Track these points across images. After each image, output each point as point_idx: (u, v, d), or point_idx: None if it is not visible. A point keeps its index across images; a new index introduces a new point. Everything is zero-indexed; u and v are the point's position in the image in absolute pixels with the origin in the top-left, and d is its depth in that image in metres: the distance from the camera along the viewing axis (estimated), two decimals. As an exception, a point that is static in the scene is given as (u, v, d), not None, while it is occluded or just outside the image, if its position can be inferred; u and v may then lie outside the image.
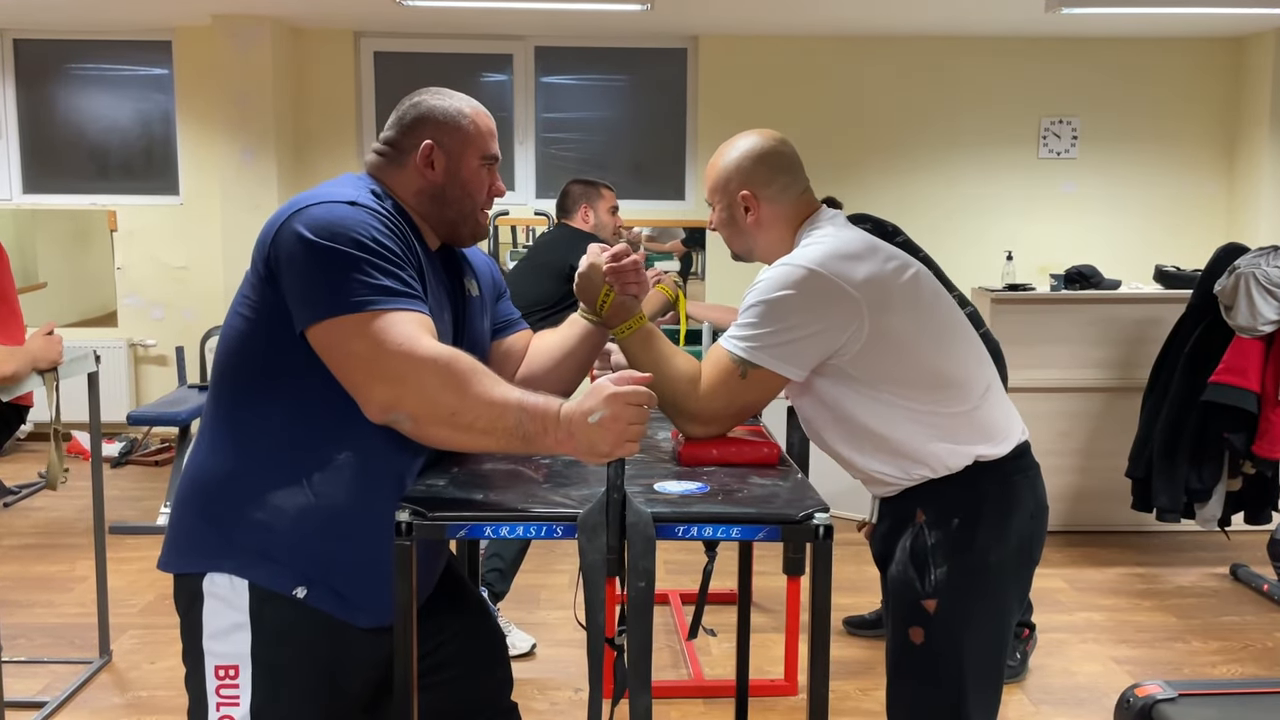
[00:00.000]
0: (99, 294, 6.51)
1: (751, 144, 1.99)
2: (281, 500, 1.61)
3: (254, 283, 1.64)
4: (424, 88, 1.84)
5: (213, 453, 1.67)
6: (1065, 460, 4.84)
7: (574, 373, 1.98)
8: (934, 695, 1.92)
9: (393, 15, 5.88)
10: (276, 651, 1.62)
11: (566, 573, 4.24)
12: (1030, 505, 1.95)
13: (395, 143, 1.78)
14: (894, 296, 1.86)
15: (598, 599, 1.52)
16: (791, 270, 1.83)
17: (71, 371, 3.22)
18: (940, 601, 1.88)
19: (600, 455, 1.52)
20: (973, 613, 1.89)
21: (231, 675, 1.61)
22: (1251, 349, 3.87)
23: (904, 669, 1.95)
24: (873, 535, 2.08)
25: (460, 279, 1.86)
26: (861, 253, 1.87)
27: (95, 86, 6.50)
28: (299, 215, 1.60)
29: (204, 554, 1.64)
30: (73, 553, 4.46)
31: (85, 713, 3.13)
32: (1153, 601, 4.08)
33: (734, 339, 1.86)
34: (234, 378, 1.67)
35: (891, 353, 1.85)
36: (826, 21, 5.98)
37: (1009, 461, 1.92)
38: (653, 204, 6.55)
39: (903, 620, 1.93)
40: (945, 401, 1.88)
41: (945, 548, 1.89)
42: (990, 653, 1.93)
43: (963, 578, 1.88)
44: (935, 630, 1.89)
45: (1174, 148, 6.47)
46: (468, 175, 1.78)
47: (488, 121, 1.83)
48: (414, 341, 1.53)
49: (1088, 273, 4.95)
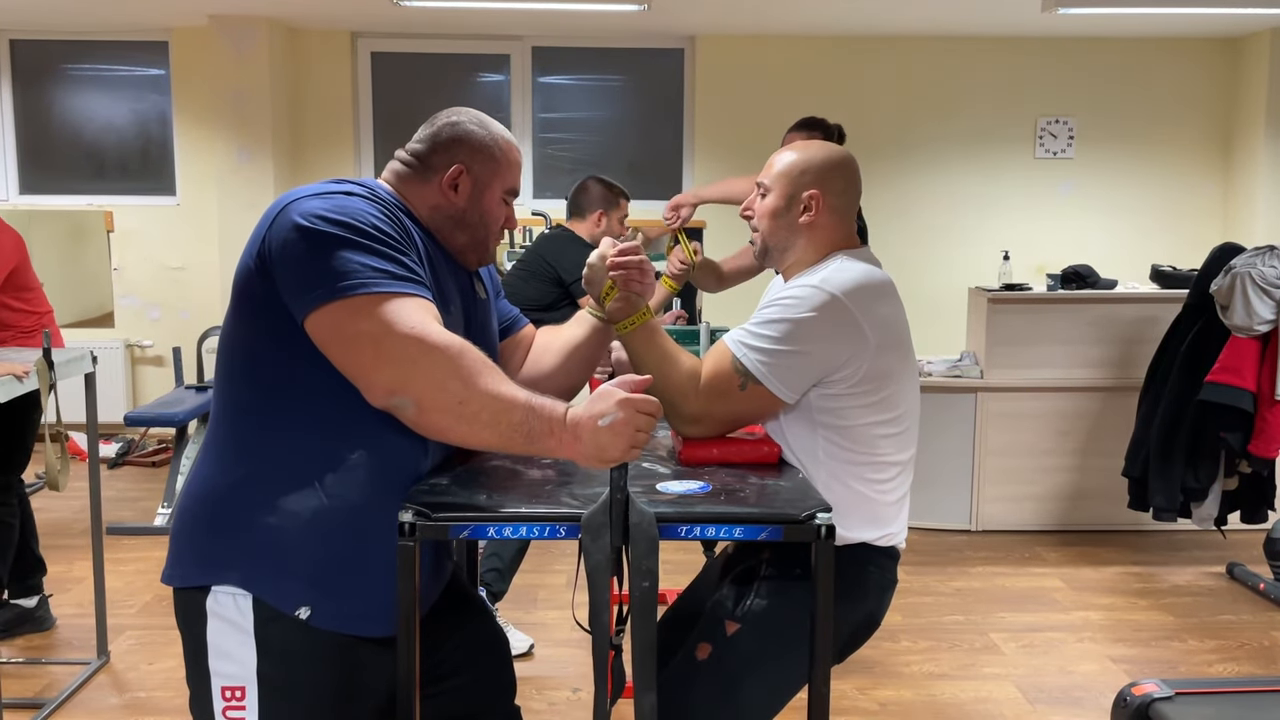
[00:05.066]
0: (96, 295, 6.50)
1: (838, 153, 1.98)
2: (294, 504, 1.58)
3: (249, 281, 1.60)
4: (461, 108, 1.83)
5: (219, 461, 1.63)
6: (1061, 460, 4.86)
7: (580, 369, 1.98)
8: (693, 712, 1.84)
9: (390, 16, 5.88)
10: (283, 672, 1.59)
11: (564, 572, 4.25)
12: (865, 613, 1.94)
13: (423, 157, 1.76)
14: (901, 344, 1.89)
15: (602, 599, 1.52)
16: (818, 294, 1.83)
17: (68, 372, 3.22)
18: (742, 629, 1.84)
19: (607, 460, 1.51)
20: (765, 656, 1.82)
21: (238, 696, 1.58)
22: (1247, 348, 3.89)
23: (677, 679, 1.87)
24: (726, 552, 2.09)
25: (470, 280, 1.86)
26: (886, 291, 1.89)
27: (92, 87, 6.49)
28: (294, 206, 1.58)
29: (209, 566, 1.60)
30: (70, 553, 4.46)
31: (83, 713, 3.12)
32: (1149, 600, 4.10)
33: (746, 346, 1.85)
34: (236, 381, 1.64)
35: (864, 398, 1.85)
36: (823, 21, 5.98)
37: (880, 557, 1.92)
38: (650, 204, 6.55)
39: (699, 633, 1.88)
40: (875, 467, 1.88)
41: (774, 586, 1.86)
42: (757, 703, 1.86)
43: (774, 621, 1.83)
44: (722, 654, 1.84)
45: (1170, 147, 6.49)
46: (489, 205, 1.78)
47: (518, 157, 1.83)
48: (425, 326, 1.52)
49: (1084, 272, 4.96)
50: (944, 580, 4.28)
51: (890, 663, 3.52)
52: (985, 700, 3.27)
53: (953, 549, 4.65)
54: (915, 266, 6.15)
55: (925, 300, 5.75)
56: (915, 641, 3.69)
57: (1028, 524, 4.88)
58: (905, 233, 6.30)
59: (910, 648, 3.64)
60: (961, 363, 4.89)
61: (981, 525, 4.87)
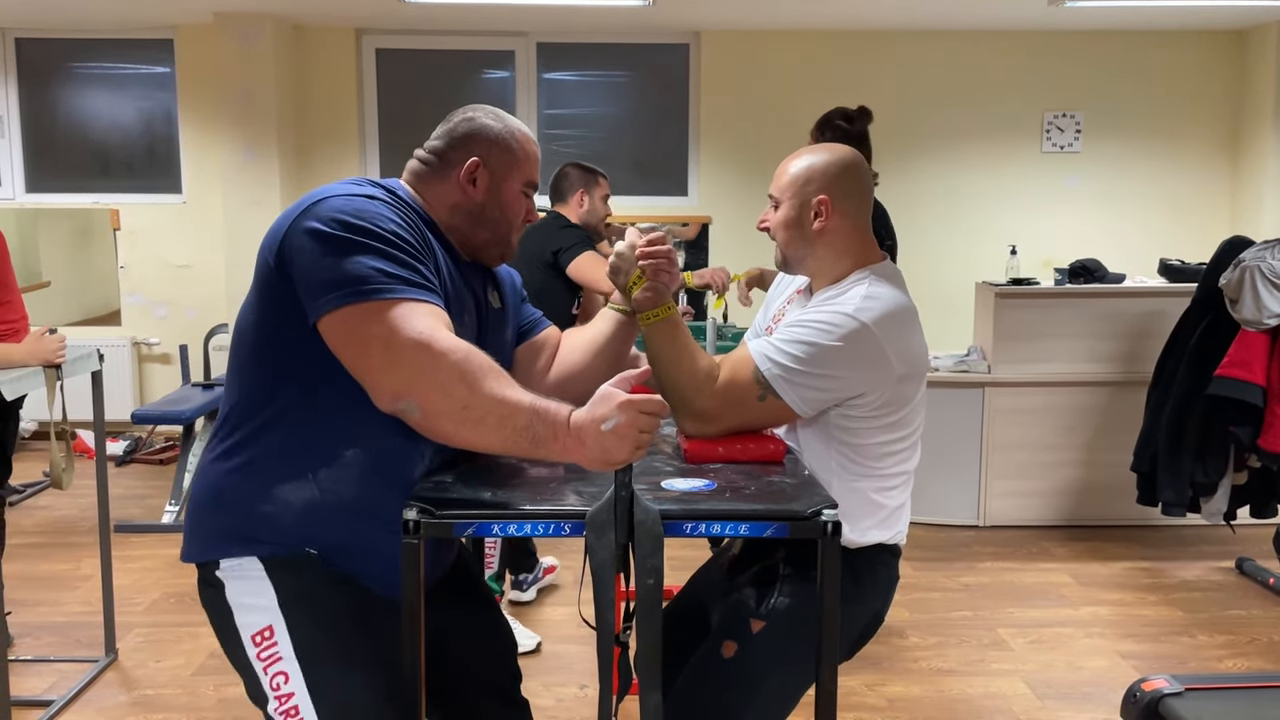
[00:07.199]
0: (102, 293, 6.52)
1: (841, 155, 1.98)
2: (288, 494, 1.63)
3: (264, 279, 1.64)
4: (477, 104, 1.84)
5: (224, 448, 1.68)
6: (1069, 454, 4.84)
7: (608, 367, 1.97)
8: (719, 712, 1.87)
9: (395, 12, 5.88)
10: (303, 598, 1.64)
11: (571, 569, 4.25)
12: (874, 610, 1.99)
13: (441, 154, 1.78)
14: (922, 371, 1.92)
15: (607, 597, 1.52)
16: (850, 322, 1.83)
17: (75, 370, 3.23)
18: (767, 627, 1.86)
19: (611, 463, 1.51)
20: (789, 653, 1.84)
21: (268, 635, 1.63)
22: (1257, 342, 3.87)
23: (701, 676, 1.89)
24: (729, 553, 2.11)
25: (485, 289, 1.86)
26: (912, 318, 1.91)
27: (97, 85, 6.50)
28: (313, 210, 1.60)
29: (217, 542, 1.67)
30: (78, 551, 4.47)
31: (91, 711, 3.13)
32: (1158, 596, 4.08)
33: (770, 360, 1.85)
34: (246, 375, 1.68)
35: (881, 420, 1.89)
36: (828, 16, 5.96)
37: (888, 556, 1.98)
38: (655, 200, 6.54)
39: (721, 632, 1.90)
40: (885, 478, 1.93)
41: (797, 585, 1.88)
42: (781, 701, 1.90)
43: (799, 619, 1.85)
44: (749, 651, 1.86)
45: (1178, 141, 6.46)
46: (508, 198, 1.80)
47: (535, 149, 1.84)
48: (433, 332, 1.53)
49: (1092, 267, 4.94)
50: (952, 576, 4.27)
51: (899, 659, 3.52)
52: (994, 696, 3.26)
53: (961, 544, 4.64)
54: (922, 261, 6.13)
55: (932, 295, 5.73)
56: (924, 637, 3.68)
57: (1036, 519, 4.86)
58: (912, 228, 6.24)
59: (919, 644, 3.64)
60: (969, 358, 4.88)
61: (989, 521, 4.86)
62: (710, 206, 6.40)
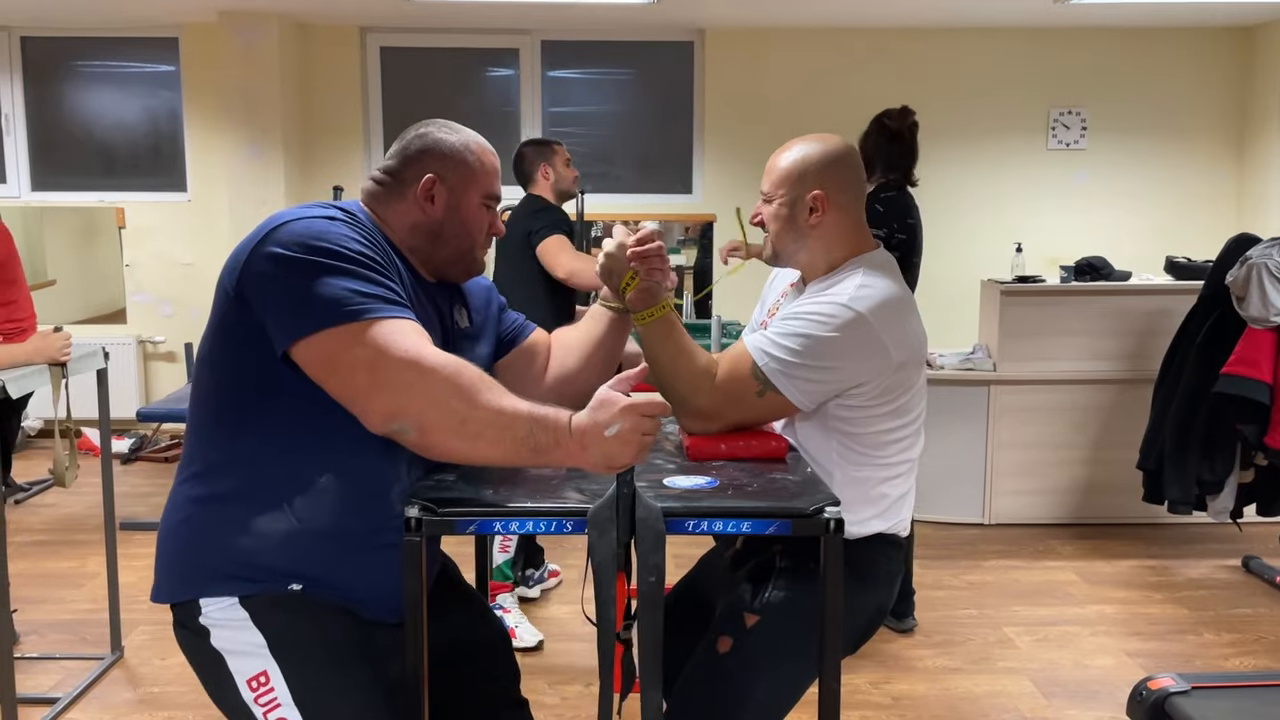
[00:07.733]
0: (108, 291, 6.53)
1: (834, 147, 1.95)
2: (263, 526, 1.58)
3: (223, 309, 1.59)
4: (430, 119, 1.79)
5: (192, 483, 1.64)
6: (1076, 452, 4.83)
7: (604, 365, 1.95)
8: (714, 710, 1.85)
9: (399, 11, 5.88)
10: (294, 639, 1.60)
11: (575, 567, 4.24)
12: (878, 603, 1.96)
13: (395, 173, 1.73)
14: (920, 358, 1.91)
15: (608, 594, 1.52)
16: (845, 312, 1.81)
17: (81, 368, 3.23)
18: (761, 621, 1.84)
19: (615, 468, 1.51)
20: (785, 647, 1.82)
21: (264, 681, 1.58)
22: (1264, 340, 3.85)
23: (697, 672, 1.88)
24: (733, 547, 2.09)
25: (451, 309, 1.82)
26: (908, 306, 1.89)
27: (103, 83, 6.50)
28: (273, 235, 1.55)
29: (195, 580, 1.62)
30: (84, 549, 4.48)
31: (97, 708, 3.14)
32: (1164, 594, 4.07)
33: (768, 355, 1.83)
34: (208, 406, 1.63)
35: (881, 408, 1.87)
36: (833, 14, 5.95)
37: (889, 548, 1.95)
38: (660, 198, 6.54)
39: (718, 627, 1.88)
40: (886, 467, 1.91)
41: (791, 579, 1.86)
42: (779, 696, 1.87)
43: (793, 612, 1.83)
44: (743, 646, 1.84)
45: (1184, 138, 6.44)
46: (468, 214, 1.74)
47: (493, 160, 1.79)
48: (420, 349, 1.50)
49: (1098, 264, 4.93)
50: (957, 574, 4.26)
51: (904, 657, 3.51)
52: (1000, 694, 3.25)
53: (966, 543, 4.63)
54: (927, 259, 6.05)
55: (937, 292, 5.71)
56: (929, 635, 3.68)
57: (1041, 517, 4.85)
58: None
59: (924, 642, 3.63)
60: (974, 356, 4.86)
61: (995, 519, 4.85)
62: (715, 204, 6.39)
